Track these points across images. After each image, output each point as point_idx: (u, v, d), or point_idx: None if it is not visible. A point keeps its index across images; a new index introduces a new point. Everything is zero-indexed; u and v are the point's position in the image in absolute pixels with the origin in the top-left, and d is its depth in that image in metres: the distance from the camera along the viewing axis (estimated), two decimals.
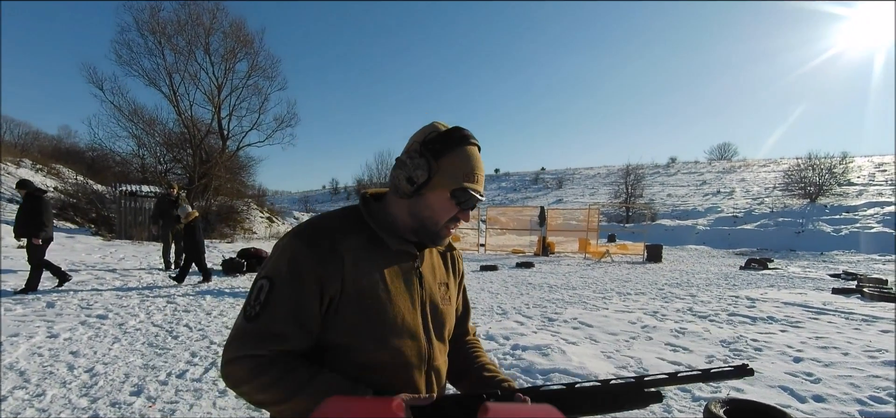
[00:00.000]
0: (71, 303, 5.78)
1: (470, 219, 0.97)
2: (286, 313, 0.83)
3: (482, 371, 1.04)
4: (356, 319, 0.87)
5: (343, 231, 0.90)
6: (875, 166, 36.16)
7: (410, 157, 0.90)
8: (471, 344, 1.14)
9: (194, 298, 6.49)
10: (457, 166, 0.89)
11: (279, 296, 0.84)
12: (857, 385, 3.61)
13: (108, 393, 3.22)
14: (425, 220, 0.93)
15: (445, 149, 0.89)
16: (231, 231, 17.70)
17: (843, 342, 4.82)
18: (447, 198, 0.90)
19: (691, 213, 31.70)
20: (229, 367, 0.82)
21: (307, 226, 0.90)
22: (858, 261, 15.44)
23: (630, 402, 0.79)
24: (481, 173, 0.93)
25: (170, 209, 9.12)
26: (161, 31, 16.83)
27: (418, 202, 0.92)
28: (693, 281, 9.93)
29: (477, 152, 0.93)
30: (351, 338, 0.87)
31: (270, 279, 0.86)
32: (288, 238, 0.89)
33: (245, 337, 0.83)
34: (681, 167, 49.85)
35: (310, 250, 0.85)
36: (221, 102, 19.10)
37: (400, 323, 0.91)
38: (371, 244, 0.92)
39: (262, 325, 0.83)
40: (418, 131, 0.94)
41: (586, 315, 6.08)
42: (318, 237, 0.88)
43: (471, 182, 0.91)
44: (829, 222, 23.80)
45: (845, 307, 6.72)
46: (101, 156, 20.30)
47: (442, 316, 1.01)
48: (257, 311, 0.84)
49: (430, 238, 0.95)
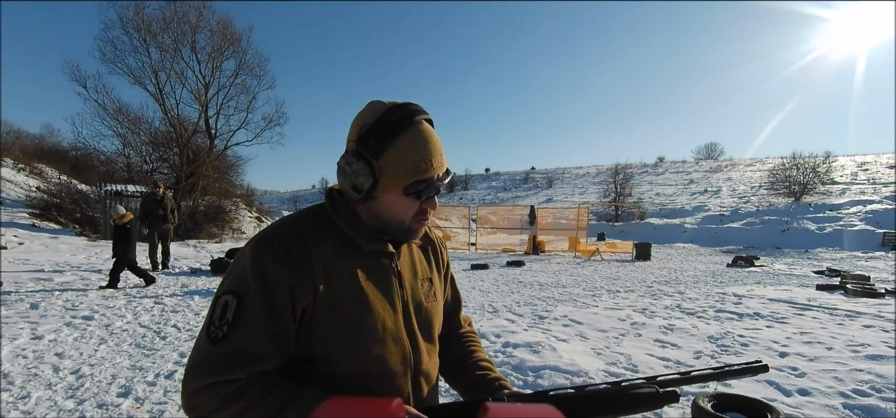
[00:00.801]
0: (55, 305, 5.68)
1: (437, 206, 0.87)
2: (259, 330, 0.74)
3: (475, 369, 0.98)
4: (333, 330, 0.79)
5: (311, 235, 0.82)
6: (857, 165, 36.91)
7: (348, 163, 0.80)
8: (465, 337, 1.08)
9: (182, 298, 6.41)
10: (401, 160, 0.79)
11: (249, 313, 0.74)
12: (840, 378, 3.68)
13: (94, 395, 3.17)
14: (388, 222, 0.85)
15: (385, 143, 0.78)
16: (219, 231, 17.50)
17: (827, 337, 4.91)
18: (401, 196, 0.81)
19: (679, 212, 32.08)
20: (196, 398, 0.72)
21: (271, 234, 0.81)
22: (842, 259, 15.74)
23: (646, 404, 0.76)
24: (435, 154, 0.81)
25: (155, 209, 9.00)
26: (146, 29, 16.55)
27: (374, 206, 0.84)
28: (681, 278, 10.05)
29: (424, 129, 0.81)
30: (329, 351, 0.80)
31: (237, 294, 0.76)
32: (251, 247, 0.79)
33: (213, 362, 0.72)
34: (669, 166, 50.41)
35: (277, 259, 0.76)
36: (208, 101, 18.82)
37: (380, 329, 0.83)
38: (342, 246, 0.84)
39: (232, 346, 0.73)
40: (356, 117, 0.83)
41: (576, 312, 6.12)
42: (284, 244, 0.79)
43: (423, 172, 0.80)
44: (814, 220, 24.24)
45: (829, 303, 6.85)
46: (86, 156, 19.93)
47: (428, 315, 0.93)
48: (225, 332, 0.73)
49: (401, 235, 0.87)
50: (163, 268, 9.07)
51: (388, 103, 0.81)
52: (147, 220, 8.97)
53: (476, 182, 62.09)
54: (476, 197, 52.17)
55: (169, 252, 9.35)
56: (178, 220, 11.08)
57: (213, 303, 0.78)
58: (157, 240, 9.06)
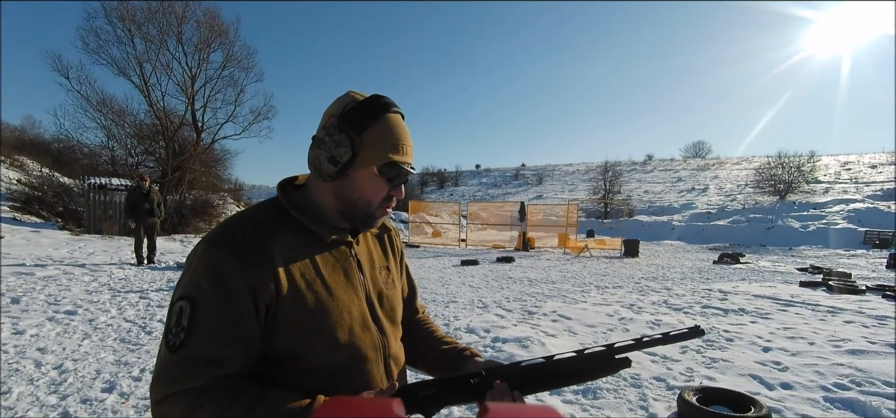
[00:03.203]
0: (37, 299, 5.57)
1: (403, 195, 0.89)
2: (216, 333, 0.72)
3: (441, 346, 1.01)
4: (299, 323, 0.78)
5: (267, 228, 0.80)
6: (841, 165, 37.64)
7: (329, 134, 0.80)
8: (423, 322, 1.10)
9: (168, 293, 6.33)
10: (382, 138, 0.81)
11: (205, 316, 0.72)
12: (822, 372, 3.76)
13: (78, 390, 3.12)
14: (355, 202, 0.85)
15: (367, 121, 0.80)
16: (206, 225, 17.29)
17: (810, 332, 5.01)
18: (375, 175, 0.83)
19: (667, 210, 32.44)
20: (161, 408, 0.70)
21: (223, 231, 0.79)
22: (825, 256, 16.04)
23: (603, 369, 0.83)
24: (409, 144, 0.85)
25: (141, 202, 8.85)
26: (130, 19, 16.22)
27: (345, 184, 0.83)
28: (668, 275, 10.17)
29: (401, 120, 0.85)
30: (297, 345, 0.78)
31: (190, 299, 0.73)
32: (202, 247, 0.77)
33: (172, 370, 0.71)
34: (657, 164, 50.94)
35: (233, 257, 0.74)
36: (195, 93, 18.51)
37: (347, 318, 0.83)
38: (301, 238, 0.83)
39: (191, 352, 0.71)
40: (332, 103, 0.85)
41: (565, 308, 6.16)
42: (239, 240, 0.77)
43: (398, 154, 0.83)
44: (798, 218, 24.68)
45: (812, 299, 6.99)
46: (68, 148, 19.56)
47: (389, 301, 0.94)
48: (182, 339, 0.71)
49: (363, 221, 0.87)
50: (148, 262, 8.94)
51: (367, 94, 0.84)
52: (132, 214, 8.83)
53: (466, 178, 62.15)
54: (466, 193, 52.23)
55: (155, 246, 9.20)
56: (165, 215, 10.91)
57: (169, 309, 0.76)
58: (142, 234, 8.91)
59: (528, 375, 0.83)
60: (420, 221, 20.95)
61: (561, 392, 3.34)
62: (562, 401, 3.21)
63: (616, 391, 3.34)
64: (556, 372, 0.83)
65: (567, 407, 3.13)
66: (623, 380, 3.53)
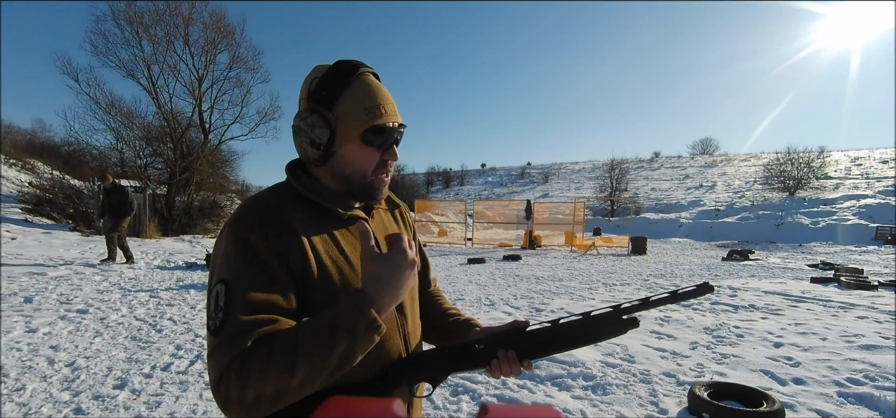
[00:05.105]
0: (49, 298, 5.63)
1: (398, 157, 0.86)
2: (252, 302, 0.71)
3: (448, 318, 1.03)
4: (326, 299, 0.76)
5: (285, 205, 0.80)
6: (851, 160, 37.19)
7: (303, 119, 0.79)
8: (435, 295, 1.12)
9: (178, 292, 6.38)
10: (355, 106, 0.78)
11: (239, 290, 0.71)
12: (834, 368, 3.71)
13: (90, 387, 3.15)
14: (350, 177, 0.83)
15: (336, 92, 0.78)
16: (214, 226, 17.41)
17: (822, 328, 4.95)
18: (360, 146, 0.80)
19: (675, 207, 32.22)
20: (218, 392, 0.68)
21: (243, 211, 0.78)
22: (835, 252, 15.86)
23: (611, 330, 0.82)
24: (387, 101, 0.81)
25: (107, 200, 8.66)
26: (138, 21, 16.35)
27: (335, 163, 0.82)
28: (676, 272, 10.10)
29: (373, 79, 0.82)
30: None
31: (223, 281, 0.72)
32: (227, 231, 0.76)
33: (220, 348, 0.69)
34: (664, 161, 50.63)
35: (257, 231, 0.74)
36: (202, 95, 18.62)
37: None
38: (318, 216, 0.82)
39: (231, 328, 0.70)
40: (303, 83, 0.82)
41: (573, 305, 6.14)
42: (263, 216, 0.76)
43: (378, 117, 0.79)
44: (808, 215, 24.42)
45: (823, 295, 6.91)
46: (78, 151, 19.78)
47: None
48: (221, 319, 0.70)
49: (365, 193, 0.86)
50: (127, 262, 8.65)
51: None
52: (103, 214, 8.73)
53: (472, 177, 62.12)
54: (472, 192, 52.21)
55: (127, 247, 8.77)
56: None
57: (207, 298, 0.76)
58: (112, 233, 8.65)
59: (535, 339, 0.83)
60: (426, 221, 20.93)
61: (570, 387, 3.33)
62: (570, 397, 3.20)
63: (626, 386, 3.33)
64: (563, 335, 0.83)
65: (576, 402, 3.12)
66: (633, 376, 3.51)
